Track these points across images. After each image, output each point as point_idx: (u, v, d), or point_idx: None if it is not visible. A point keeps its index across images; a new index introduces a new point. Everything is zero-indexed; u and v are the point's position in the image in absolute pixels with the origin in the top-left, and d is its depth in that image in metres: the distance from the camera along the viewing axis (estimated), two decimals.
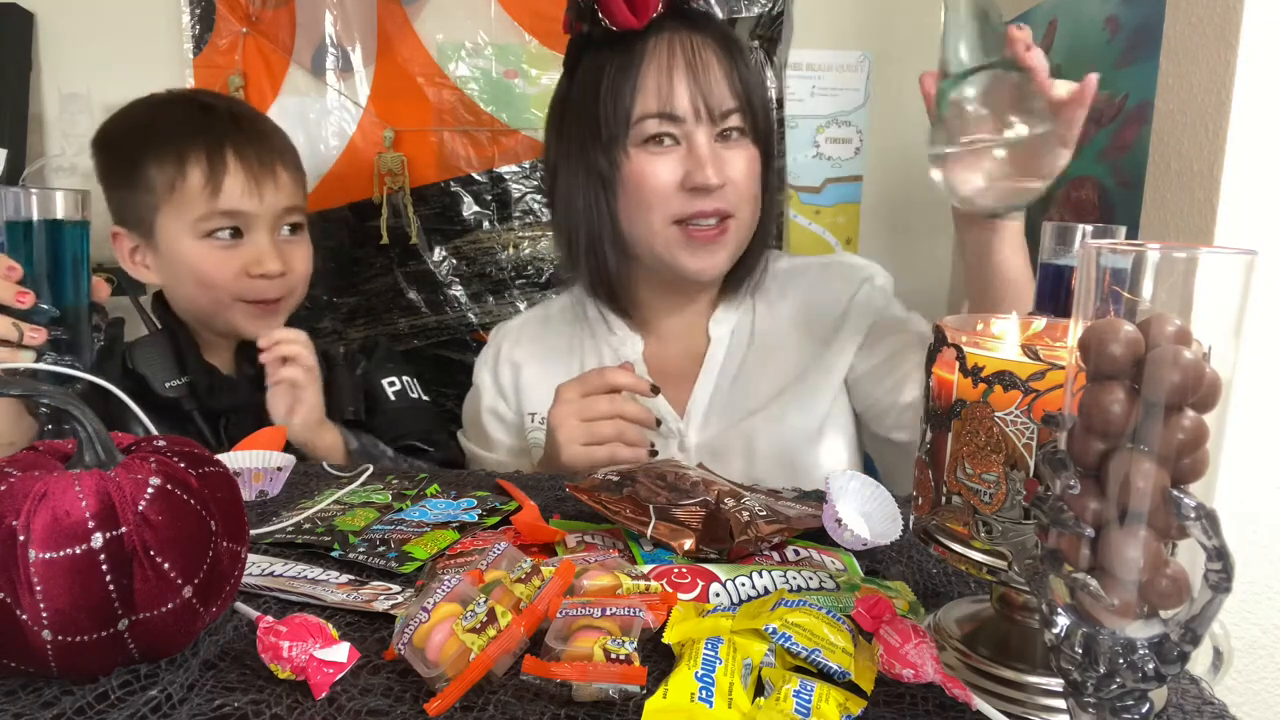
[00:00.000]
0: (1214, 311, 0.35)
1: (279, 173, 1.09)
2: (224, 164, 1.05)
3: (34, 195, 0.70)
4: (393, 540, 0.65)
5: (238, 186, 1.05)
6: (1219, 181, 0.80)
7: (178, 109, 1.12)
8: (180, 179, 1.05)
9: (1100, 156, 1.04)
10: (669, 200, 0.92)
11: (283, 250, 1.10)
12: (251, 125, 1.12)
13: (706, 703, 0.44)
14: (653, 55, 0.91)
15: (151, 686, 0.46)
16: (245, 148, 1.07)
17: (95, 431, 0.46)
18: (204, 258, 1.06)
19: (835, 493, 0.65)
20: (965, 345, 0.47)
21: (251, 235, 1.08)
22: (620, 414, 0.88)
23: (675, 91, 0.90)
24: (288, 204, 1.10)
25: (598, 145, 0.94)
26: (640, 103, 0.91)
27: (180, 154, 1.05)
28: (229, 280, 1.06)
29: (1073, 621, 0.37)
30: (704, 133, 0.91)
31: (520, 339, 1.10)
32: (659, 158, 0.92)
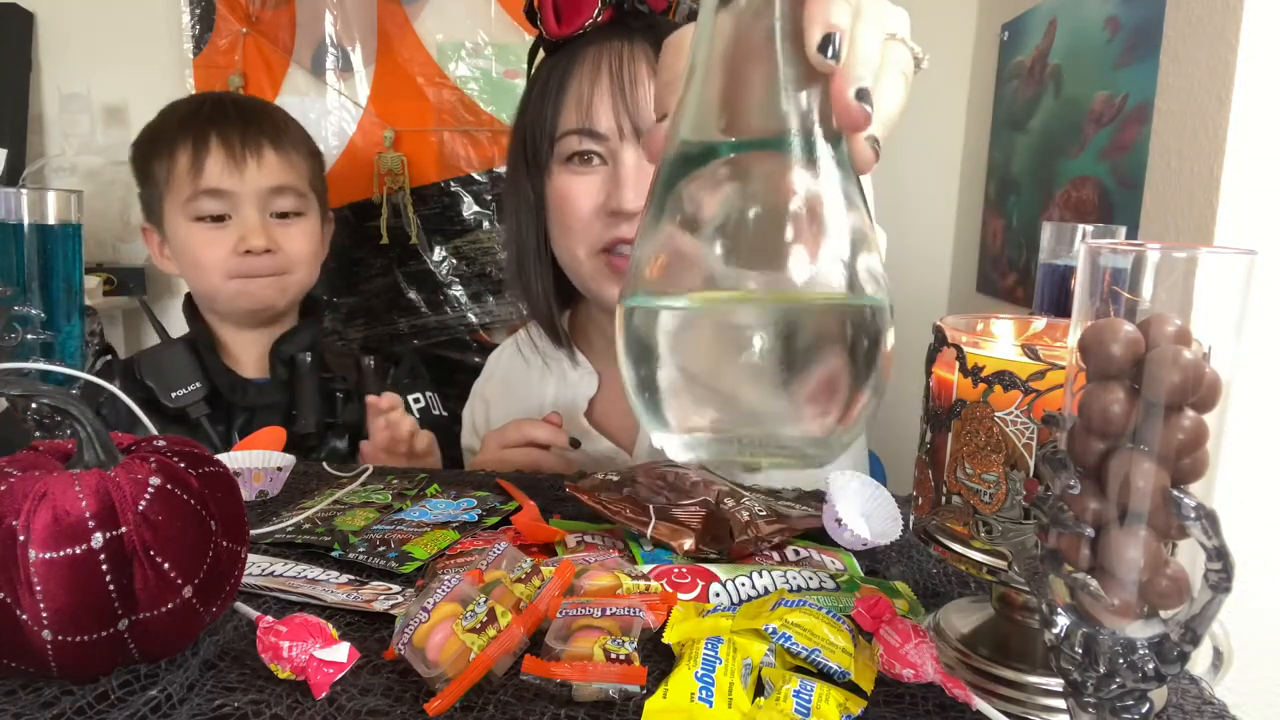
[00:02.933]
0: (1214, 311, 0.35)
1: (265, 152, 1.10)
2: (206, 146, 1.08)
3: (25, 196, 0.70)
4: (393, 540, 0.65)
5: (218, 165, 1.07)
6: (1219, 181, 0.80)
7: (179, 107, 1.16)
8: (173, 166, 1.08)
9: (1100, 156, 1.04)
10: (590, 226, 0.85)
11: (274, 230, 1.11)
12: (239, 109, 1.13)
13: (706, 703, 0.44)
14: (581, 67, 0.85)
15: (151, 686, 0.46)
16: (229, 129, 1.09)
17: (95, 431, 0.46)
18: (195, 239, 1.09)
19: (835, 493, 0.65)
20: (965, 345, 0.47)
21: (238, 215, 1.09)
22: (538, 468, 0.86)
23: (595, 107, 0.83)
24: (275, 183, 1.10)
25: (529, 160, 0.88)
26: (563, 118, 0.85)
27: (173, 144, 1.09)
28: (220, 260, 1.09)
29: (1073, 621, 0.37)
30: (632, 152, 0.83)
31: (494, 373, 1.08)
32: (581, 178, 0.85)
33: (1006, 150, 1.35)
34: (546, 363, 1.02)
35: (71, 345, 0.73)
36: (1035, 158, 1.24)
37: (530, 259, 0.90)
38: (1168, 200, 0.89)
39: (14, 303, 0.70)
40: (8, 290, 0.69)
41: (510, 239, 0.92)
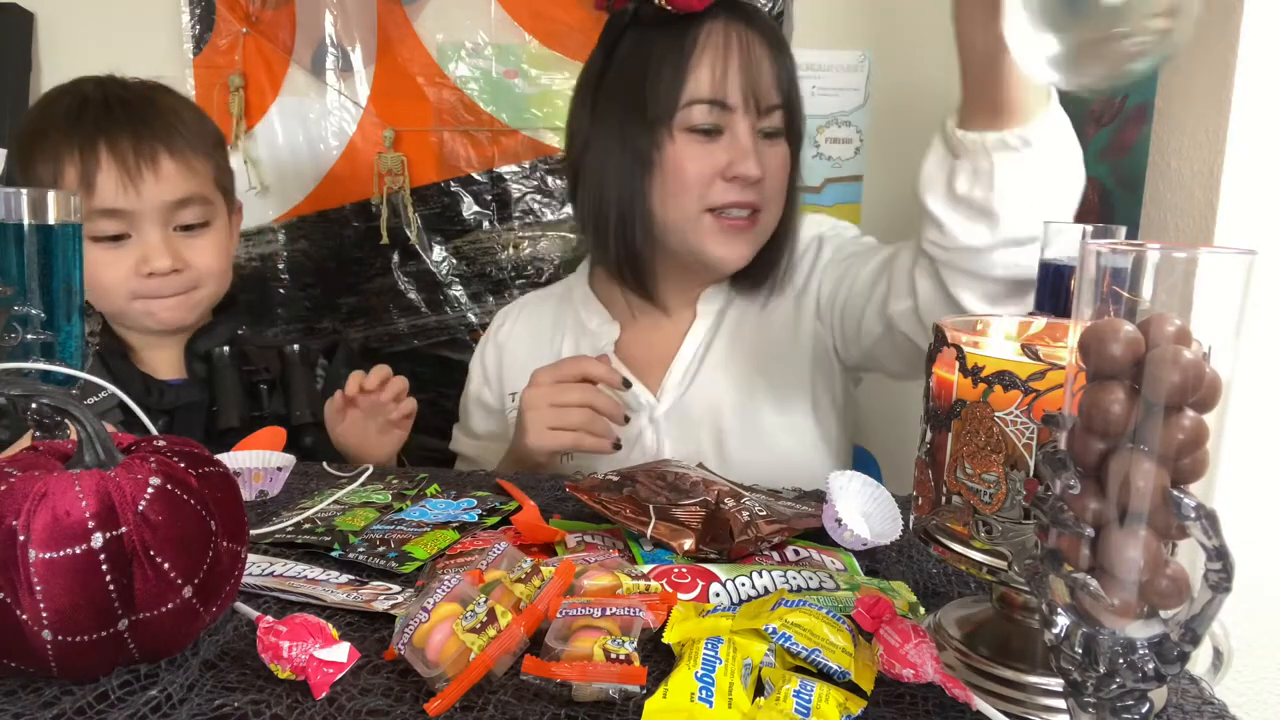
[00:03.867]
0: (1214, 311, 0.35)
1: (161, 162, 1.00)
2: (96, 159, 0.98)
3: (25, 196, 0.70)
4: (393, 540, 0.65)
5: (111, 183, 0.98)
6: (1219, 181, 0.80)
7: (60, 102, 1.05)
8: (60, 176, 0.99)
9: (1100, 156, 1.04)
10: (707, 188, 0.92)
11: (179, 245, 1.02)
12: (127, 109, 1.02)
13: (706, 703, 0.44)
14: (708, 41, 0.91)
15: (151, 686, 0.46)
16: (120, 138, 0.99)
17: (95, 431, 0.46)
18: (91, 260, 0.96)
19: (835, 493, 0.65)
20: (965, 345, 0.47)
21: (139, 234, 1.01)
22: (591, 404, 0.89)
23: (729, 79, 0.90)
24: (176, 195, 1.01)
25: (640, 125, 0.93)
26: (692, 87, 0.91)
27: (58, 151, 0.99)
28: (120, 281, 1.01)
29: (1073, 621, 0.37)
30: (747, 124, 0.92)
31: (515, 319, 1.13)
32: (703, 145, 0.92)
33: None
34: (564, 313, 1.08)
35: (71, 345, 0.73)
36: None
37: (638, 214, 0.95)
38: (1168, 200, 0.89)
39: (14, 303, 0.70)
40: (8, 290, 0.69)
41: (609, 198, 0.96)
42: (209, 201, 1.05)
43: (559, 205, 1.56)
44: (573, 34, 1.51)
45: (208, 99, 1.53)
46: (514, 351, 1.09)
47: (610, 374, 0.90)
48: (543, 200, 1.56)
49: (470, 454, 1.12)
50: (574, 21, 1.51)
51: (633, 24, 0.95)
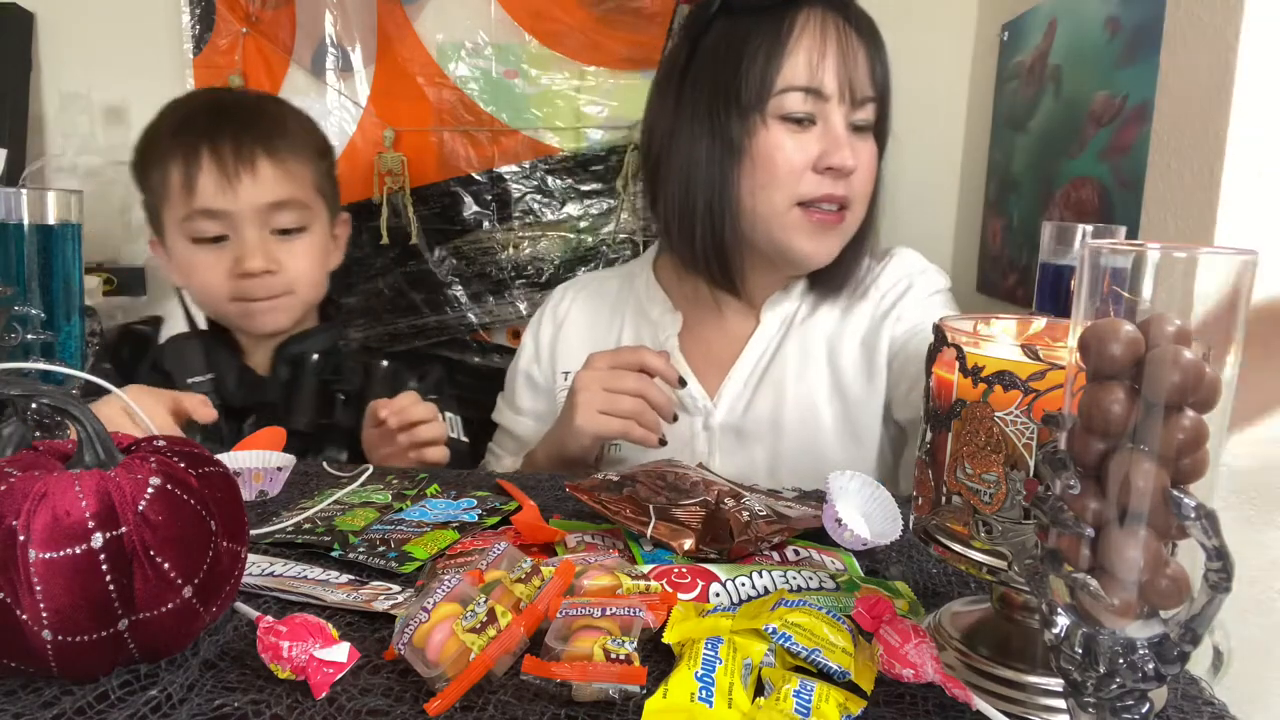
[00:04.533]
0: (1214, 311, 0.35)
1: (259, 165, 1.03)
2: (198, 160, 1.01)
3: (25, 196, 0.70)
4: (393, 540, 0.65)
5: (210, 183, 1.01)
6: (1219, 181, 0.80)
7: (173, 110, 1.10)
8: (166, 180, 1.03)
9: (1100, 156, 1.04)
10: (798, 179, 0.90)
11: (274, 248, 1.05)
12: (231, 114, 1.06)
13: (706, 703, 0.44)
14: (805, 28, 0.89)
15: (151, 686, 0.46)
16: (221, 142, 1.02)
17: (95, 431, 0.46)
18: (193, 260, 1.04)
19: (835, 493, 0.65)
20: (965, 345, 0.47)
21: (236, 235, 1.04)
22: (644, 394, 0.88)
23: (826, 67, 0.89)
24: (273, 198, 1.04)
25: (732, 112, 0.91)
26: (788, 72, 0.89)
27: (165, 156, 1.03)
28: (218, 282, 1.04)
29: (1073, 621, 0.37)
30: (841, 115, 0.90)
31: (575, 298, 1.11)
32: (795, 134, 0.90)
33: (1006, 150, 1.35)
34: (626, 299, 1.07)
35: (71, 345, 0.73)
36: (1035, 158, 1.24)
37: (727, 204, 0.93)
38: (1168, 200, 0.89)
39: (14, 303, 0.70)
40: (8, 290, 0.69)
41: (697, 188, 0.94)
42: (307, 207, 1.08)
43: (559, 205, 1.56)
44: (573, 34, 1.51)
45: None
46: (571, 330, 1.08)
47: (668, 369, 0.89)
48: (543, 200, 1.56)
49: (510, 427, 1.11)
50: (574, 21, 1.51)
51: (722, 11, 0.93)
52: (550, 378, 1.09)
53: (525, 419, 1.10)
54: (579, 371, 0.90)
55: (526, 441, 1.08)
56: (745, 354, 1.00)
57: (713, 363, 1.01)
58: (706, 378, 1.01)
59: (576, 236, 1.57)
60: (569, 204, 1.56)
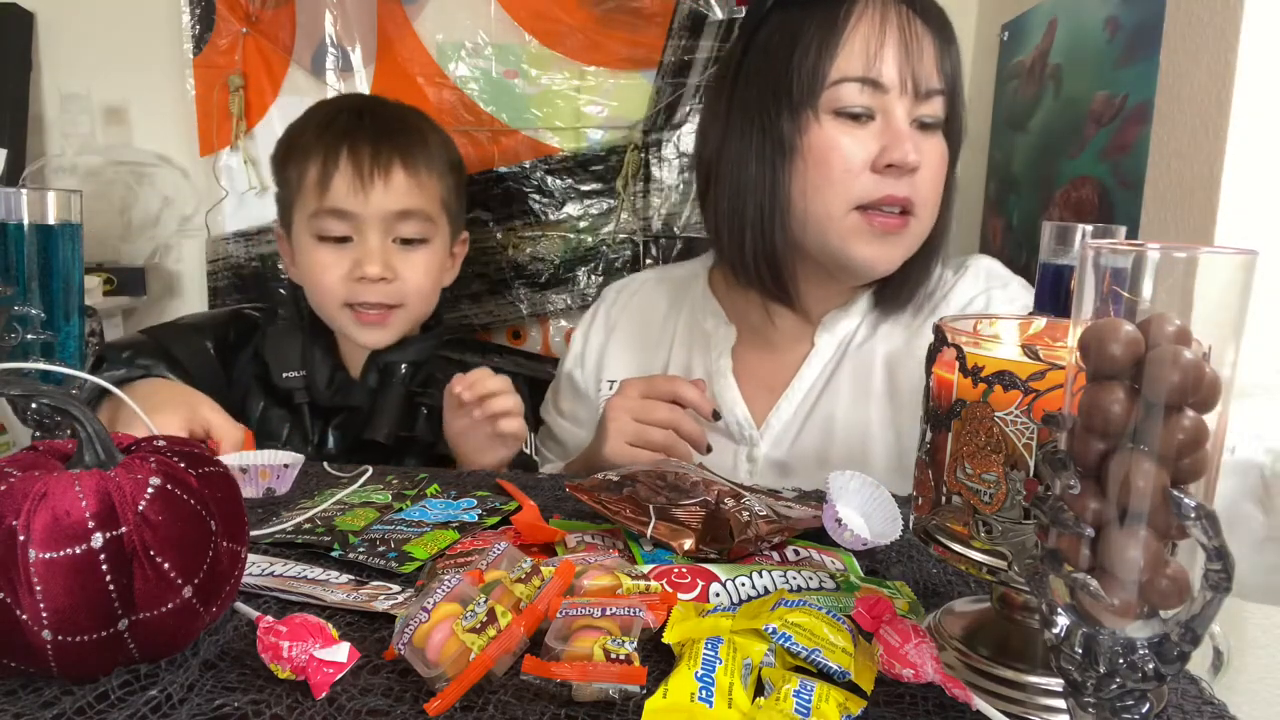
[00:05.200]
0: (1214, 311, 0.35)
1: (394, 172, 1.05)
2: (336, 161, 1.04)
3: (25, 196, 0.70)
4: (393, 540, 0.65)
5: (344, 184, 1.03)
6: (1219, 181, 0.80)
7: (320, 110, 1.13)
8: (303, 177, 1.05)
9: (1100, 156, 1.04)
10: (856, 179, 0.84)
11: (394, 256, 1.06)
12: (376, 121, 1.08)
13: (706, 703, 0.44)
14: (863, 16, 0.83)
15: (151, 686, 0.46)
16: (360, 144, 1.04)
17: (95, 431, 0.46)
18: (315, 258, 1.06)
19: (835, 493, 0.65)
20: (965, 345, 0.47)
21: (360, 237, 1.05)
22: (676, 426, 0.84)
23: (885, 56, 0.82)
24: (401, 206, 1.05)
25: (784, 107, 0.85)
26: (842, 63, 0.83)
27: (306, 153, 1.06)
28: (335, 283, 1.05)
29: (1073, 621, 0.37)
30: (904, 109, 0.83)
31: (629, 301, 1.07)
32: (852, 130, 0.83)
33: (1006, 150, 1.35)
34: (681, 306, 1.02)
35: (71, 345, 0.73)
36: (1035, 158, 1.24)
37: (778, 208, 0.87)
38: (1168, 200, 0.89)
39: (14, 303, 0.70)
40: (8, 290, 0.69)
41: (747, 191, 0.87)
42: (431, 220, 1.09)
43: (559, 205, 1.56)
44: (573, 34, 1.51)
45: (208, 99, 1.53)
46: (622, 337, 1.04)
47: (703, 401, 0.85)
48: (543, 200, 1.56)
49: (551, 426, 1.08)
50: (574, 21, 1.51)
51: (777, 5, 0.88)
52: (591, 383, 1.05)
53: (565, 422, 1.07)
54: (611, 398, 0.86)
55: (567, 447, 1.05)
56: (796, 382, 0.93)
57: (763, 386, 0.95)
58: (755, 401, 0.95)
59: (576, 236, 1.57)
60: (569, 204, 1.56)
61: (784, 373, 0.95)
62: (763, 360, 0.97)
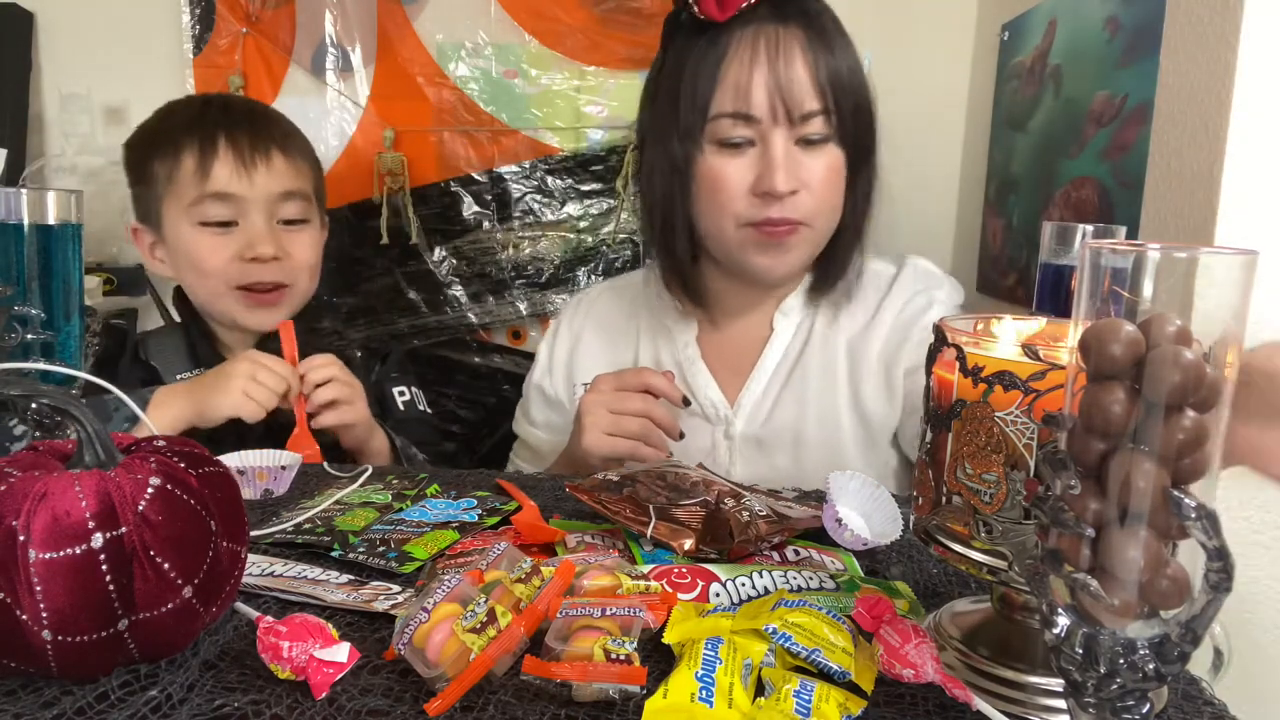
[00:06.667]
0: (1214, 311, 0.35)
1: (273, 156, 1.08)
2: (214, 148, 1.06)
3: (25, 196, 0.70)
4: (393, 540, 0.65)
5: (226, 169, 1.06)
6: (1219, 181, 0.80)
7: (181, 107, 1.15)
8: (176, 168, 1.06)
9: (1100, 156, 1.04)
10: (739, 203, 0.89)
11: (280, 236, 1.09)
12: (246, 111, 1.12)
13: (706, 703, 0.44)
14: (736, 50, 0.87)
15: (151, 686, 0.46)
16: (238, 133, 1.07)
17: (95, 431, 0.46)
18: (199, 244, 1.07)
19: (835, 493, 0.65)
20: (965, 345, 0.47)
21: (246, 220, 1.07)
22: (649, 415, 0.88)
23: (754, 90, 0.86)
24: (284, 188, 1.09)
25: (676, 135, 0.91)
26: (719, 97, 0.88)
27: (177, 145, 1.07)
28: (223, 265, 1.07)
29: (1073, 621, 0.37)
30: (781, 135, 0.87)
31: (589, 310, 1.11)
32: (732, 159, 0.89)
33: (1006, 150, 1.35)
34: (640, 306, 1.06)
35: (71, 345, 0.73)
36: (1035, 158, 1.24)
37: (679, 224, 0.94)
38: (1168, 200, 0.89)
39: (14, 303, 0.70)
40: (8, 290, 0.69)
41: (654, 203, 0.95)
42: (310, 201, 1.13)
43: (559, 205, 1.56)
44: (573, 34, 1.51)
45: None
46: (589, 343, 1.08)
47: (671, 389, 0.89)
48: (543, 200, 1.56)
49: (525, 438, 1.12)
50: (574, 21, 1.51)
51: (680, 28, 0.92)
52: (563, 390, 1.08)
53: (539, 431, 1.10)
54: (585, 395, 0.91)
55: (541, 453, 1.09)
56: (762, 362, 0.98)
57: (731, 367, 1.00)
58: (727, 382, 1.00)
59: (576, 236, 1.57)
60: (569, 204, 1.56)
61: (749, 354, 1.00)
62: (726, 345, 1.02)
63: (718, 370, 1.00)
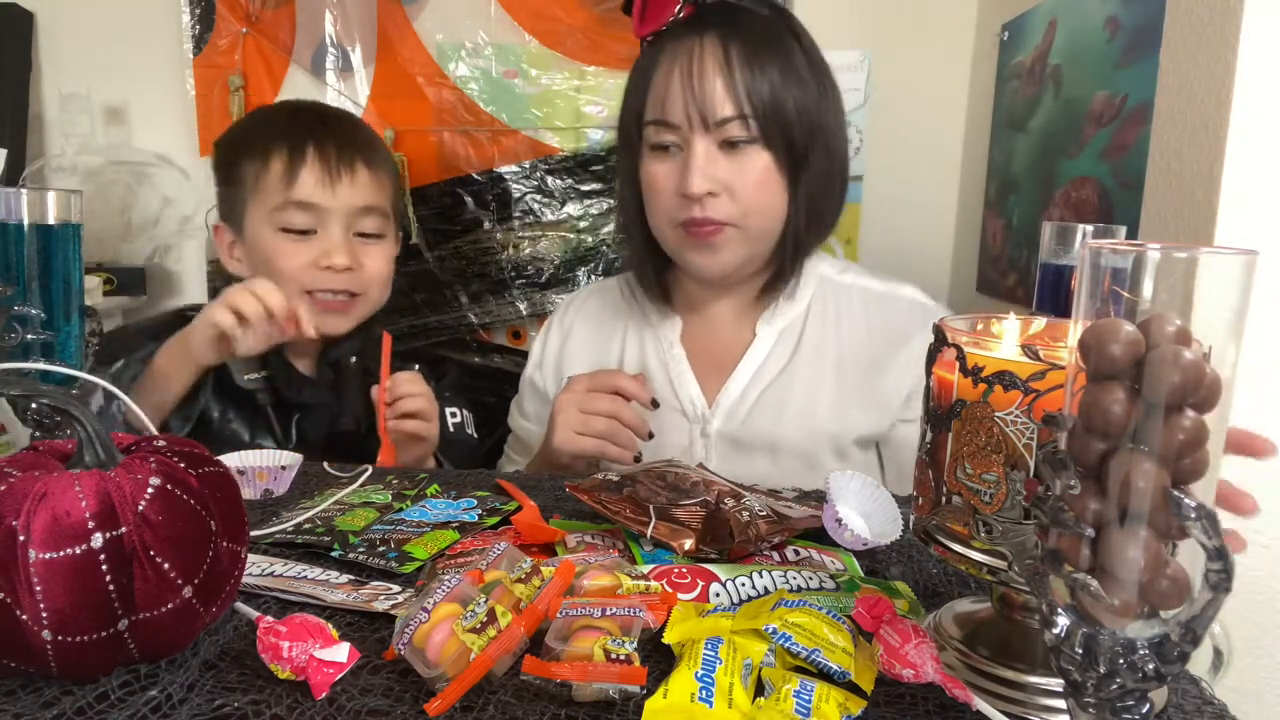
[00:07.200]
0: (1214, 311, 0.35)
1: (358, 169, 1.11)
2: (303, 157, 1.09)
3: (25, 196, 0.70)
4: (393, 540, 0.65)
5: (312, 178, 1.08)
6: (1219, 181, 0.80)
7: (274, 113, 1.19)
8: (264, 172, 1.09)
9: (1100, 156, 1.04)
10: (669, 204, 0.94)
11: (356, 248, 1.12)
12: (337, 123, 1.15)
13: (706, 703, 0.44)
14: (662, 61, 0.93)
15: (151, 686, 0.46)
16: (326, 144, 1.10)
17: (95, 431, 0.46)
18: (277, 248, 1.10)
19: (835, 493, 0.65)
20: (965, 345, 0.47)
21: (324, 230, 1.10)
22: (617, 415, 0.91)
23: (671, 99, 0.91)
24: (364, 202, 1.11)
25: (624, 141, 0.98)
26: (649, 107, 0.94)
27: (267, 149, 1.09)
28: (297, 270, 1.09)
29: (1073, 621, 0.37)
30: (702, 140, 0.91)
31: (580, 307, 1.15)
32: (663, 162, 0.94)
33: (1006, 150, 1.35)
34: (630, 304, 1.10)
35: (71, 345, 0.73)
36: (1035, 158, 1.24)
37: (636, 227, 1.01)
38: (1168, 200, 0.89)
39: (14, 303, 0.70)
40: (8, 290, 0.69)
41: (620, 208, 1.04)
42: (386, 216, 1.16)
43: (559, 205, 1.56)
44: (573, 34, 1.51)
45: (208, 99, 1.53)
46: (576, 339, 1.11)
47: (640, 391, 0.92)
48: (543, 200, 1.56)
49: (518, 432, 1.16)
50: (574, 21, 1.51)
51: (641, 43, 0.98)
52: (552, 384, 1.11)
53: (531, 425, 1.13)
54: (559, 394, 0.95)
55: (531, 446, 1.11)
56: (743, 363, 1.00)
57: (714, 366, 1.02)
58: (709, 381, 1.02)
59: (576, 236, 1.57)
60: (569, 204, 1.56)
61: (732, 353, 1.02)
62: (711, 344, 1.05)
63: (700, 368, 1.02)
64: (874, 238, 1.57)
